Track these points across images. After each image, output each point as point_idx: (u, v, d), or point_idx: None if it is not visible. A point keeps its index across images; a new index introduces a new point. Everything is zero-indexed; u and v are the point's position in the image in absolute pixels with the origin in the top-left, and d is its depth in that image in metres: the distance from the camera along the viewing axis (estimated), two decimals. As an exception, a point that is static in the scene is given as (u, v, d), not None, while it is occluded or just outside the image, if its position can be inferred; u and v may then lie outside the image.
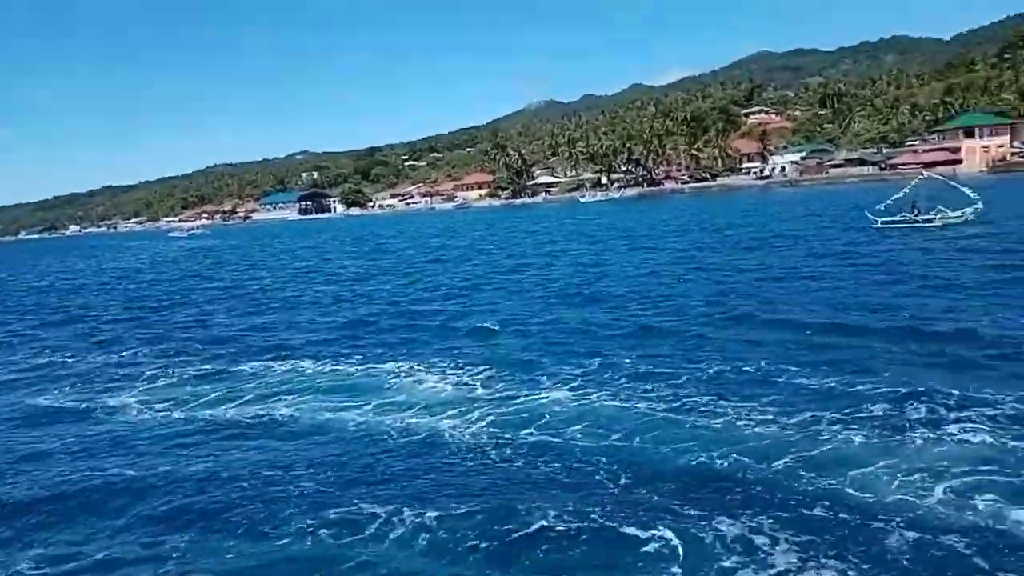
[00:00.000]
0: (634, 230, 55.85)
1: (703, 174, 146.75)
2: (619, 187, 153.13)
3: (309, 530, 9.04)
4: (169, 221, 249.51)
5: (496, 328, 20.31)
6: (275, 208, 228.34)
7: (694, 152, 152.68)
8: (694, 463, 10.09)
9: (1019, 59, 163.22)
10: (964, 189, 37.73)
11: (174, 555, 8.70)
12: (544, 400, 13.36)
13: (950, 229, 35.88)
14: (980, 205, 37.34)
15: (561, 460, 10.56)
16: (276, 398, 15.02)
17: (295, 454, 11.68)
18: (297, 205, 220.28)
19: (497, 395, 13.88)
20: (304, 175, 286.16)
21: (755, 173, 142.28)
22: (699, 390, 13.16)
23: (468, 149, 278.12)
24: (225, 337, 22.52)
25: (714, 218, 61.11)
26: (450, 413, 13.01)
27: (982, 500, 8.38)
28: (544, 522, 8.68)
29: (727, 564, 7.61)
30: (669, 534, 8.21)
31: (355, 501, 9.74)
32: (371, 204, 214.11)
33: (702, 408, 12.20)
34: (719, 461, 10.06)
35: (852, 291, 21.75)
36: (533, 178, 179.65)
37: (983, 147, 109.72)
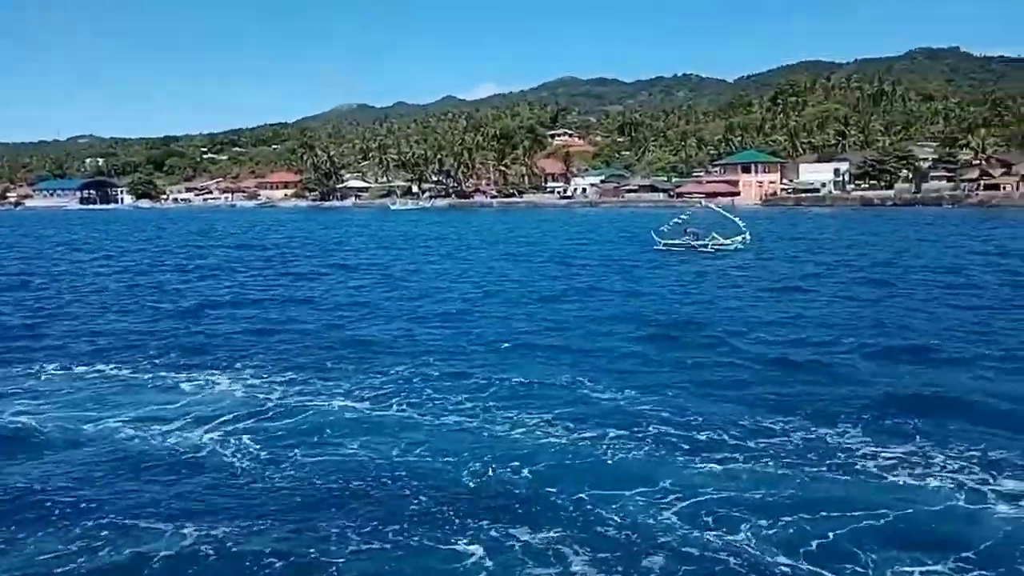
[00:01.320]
0: (458, 241, 56.74)
1: (511, 190, 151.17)
2: (430, 196, 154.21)
3: (76, 547, 8.42)
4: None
5: (302, 336, 19.83)
6: (52, 195, 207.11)
7: (502, 168, 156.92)
8: (491, 474, 10.34)
9: (788, 105, 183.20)
10: (737, 220, 42.25)
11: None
12: (341, 410, 13.18)
13: (721, 254, 39.83)
14: (748, 236, 41.95)
15: (360, 474, 10.44)
16: (37, 406, 13.70)
17: (54, 467, 10.76)
18: (78, 193, 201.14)
19: (294, 405, 13.51)
20: (88, 161, 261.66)
21: (559, 193, 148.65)
22: (501, 401, 13.48)
23: (274, 146, 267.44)
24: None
25: (527, 234, 63.50)
26: (241, 423, 12.51)
27: (753, 530, 8.73)
28: (346, 540, 8.57)
29: (532, 571, 7.89)
30: (474, 546, 8.37)
31: (131, 516, 9.15)
32: (164, 197, 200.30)
33: (501, 419, 12.52)
34: (514, 472, 10.38)
35: (645, 306, 23.34)
36: (342, 181, 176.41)
37: (758, 182, 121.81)
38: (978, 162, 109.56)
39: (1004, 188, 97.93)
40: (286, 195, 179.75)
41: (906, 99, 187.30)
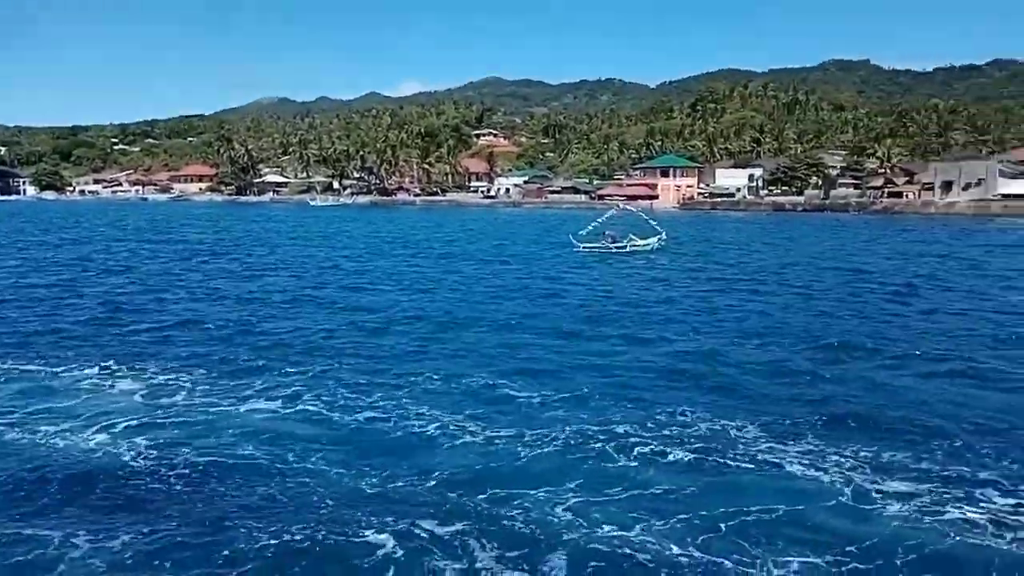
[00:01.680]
0: (379, 239, 56.07)
1: (434, 188, 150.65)
2: (351, 193, 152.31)
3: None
4: None
5: (212, 334, 19.21)
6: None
7: (426, 166, 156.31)
8: (403, 470, 10.25)
9: (707, 111, 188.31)
10: (652, 222, 43.30)
11: None
12: (250, 411, 12.83)
13: (638, 255, 40.61)
14: (664, 236, 43.07)
15: (267, 474, 10.22)
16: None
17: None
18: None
19: (199, 404, 13.06)
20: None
21: (482, 192, 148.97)
22: (417, 400, 13.34)
23: (190, 139, 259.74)
24: None
25: (449, 233, 63.35)
26: (141, 424, 12.02)
27: (652, 525, 8.95)
28: (254, 539, 8.37)
29: (440, 564, 7.96)
30: (383, 536, 8.39)
31: (16, 526, 8.69)
32: (71, 189, 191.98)
33: (415, 417, 12.42)
34: (427, 469, 10.30)
35: (562, 306, 23.44)
36: (260, 176, 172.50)
37: (676, 186, 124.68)
38: (883, 171, 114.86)
39: (906, 196, 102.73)
40: (201, 189, 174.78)
41: (818, 108, 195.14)
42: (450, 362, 16.33)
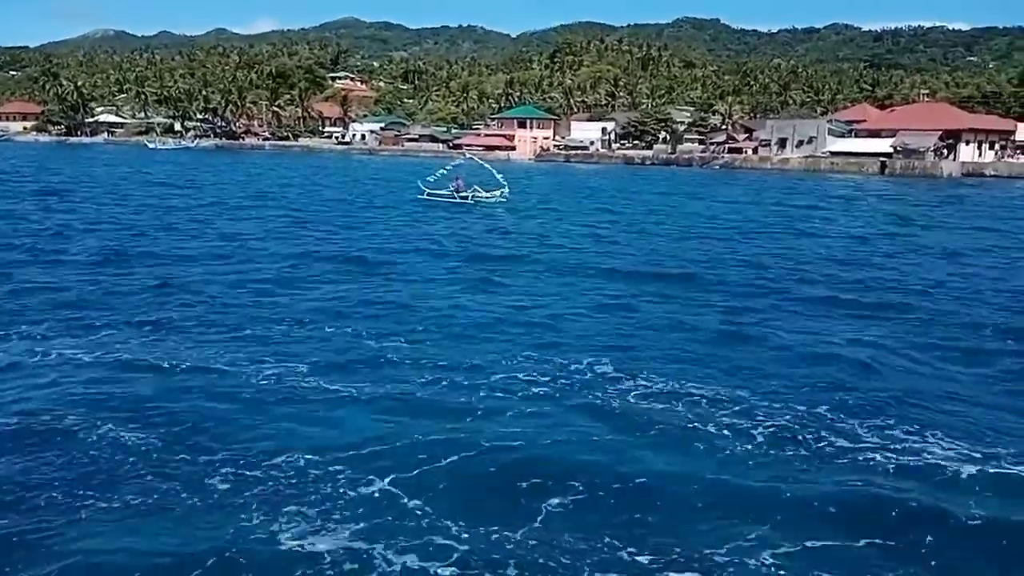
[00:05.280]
0: (216, 187, 53.07)
1: (285, 133, 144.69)
2: (195, 136, 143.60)
3: None
4: None
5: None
6: None
7: (276, 109, 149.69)
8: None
9: (565, 63, 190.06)
10: (497, 175, 43.35)
11: None
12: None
13: (481, 206, 40.70)
14: (507, 190, 43.36)
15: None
16: None
17: None
18: None
19: None
20: None
21: (336, 138, 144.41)
22: (277, 355, 12.76)
23: (12, 72, 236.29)
24: None
25: (295, 179, 61.08)
26: None
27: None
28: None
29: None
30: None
31: None
32: None
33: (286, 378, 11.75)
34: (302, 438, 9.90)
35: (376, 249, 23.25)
36: (93, 115, 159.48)
37: (532, 137, 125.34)
38: (725, 127, 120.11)
39: (745, 152, 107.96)
40: (26, 128, 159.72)
41: (671, 65, 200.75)
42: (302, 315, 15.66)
